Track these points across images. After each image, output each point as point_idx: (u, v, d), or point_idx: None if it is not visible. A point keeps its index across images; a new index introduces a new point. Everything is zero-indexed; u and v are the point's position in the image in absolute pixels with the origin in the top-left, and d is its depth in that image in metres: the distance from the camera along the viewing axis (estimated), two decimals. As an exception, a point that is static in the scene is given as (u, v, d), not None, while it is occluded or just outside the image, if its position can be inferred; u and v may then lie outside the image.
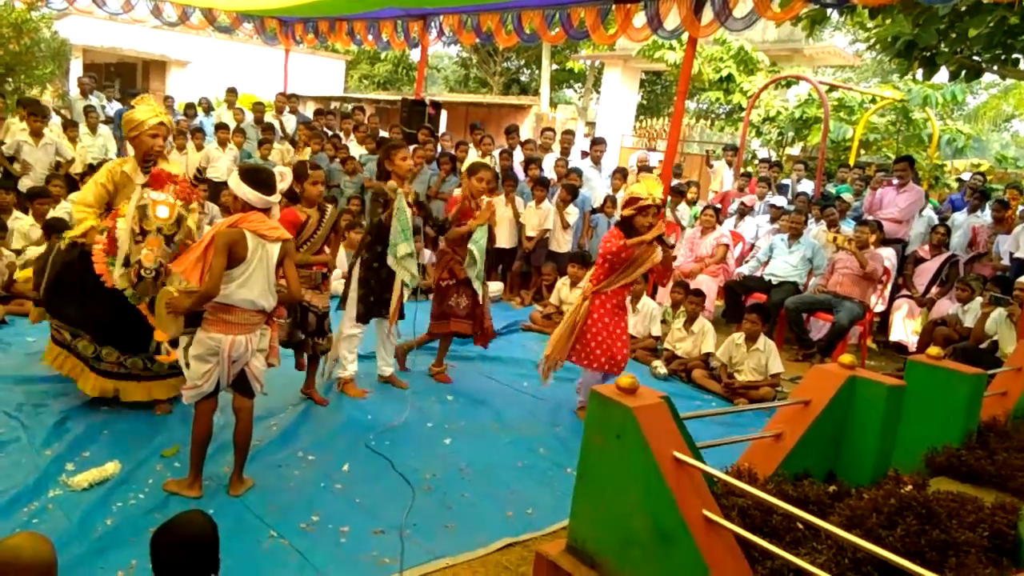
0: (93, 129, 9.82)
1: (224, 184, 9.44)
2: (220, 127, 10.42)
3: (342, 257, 7.00)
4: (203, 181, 9.04)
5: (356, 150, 10.32)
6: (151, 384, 4.52)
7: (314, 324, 4.83)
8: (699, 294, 6.95)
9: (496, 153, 9.64)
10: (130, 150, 4.49)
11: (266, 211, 3.67)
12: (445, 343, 5.82)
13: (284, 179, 3.64)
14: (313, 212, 4.74)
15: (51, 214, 6.83)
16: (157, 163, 4.36)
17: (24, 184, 7.77)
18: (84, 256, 4.33)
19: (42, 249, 6.45)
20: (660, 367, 6.54)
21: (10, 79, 12.47)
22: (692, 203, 9.86)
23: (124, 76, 22.09)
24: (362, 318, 5.16)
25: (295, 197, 4.75)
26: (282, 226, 4.50)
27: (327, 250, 4.92)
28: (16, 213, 6.79)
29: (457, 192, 8.51)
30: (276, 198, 3.67)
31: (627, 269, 4.96)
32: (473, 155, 9.43)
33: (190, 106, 12.47)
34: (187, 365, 3.61)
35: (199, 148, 10.27)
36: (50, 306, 4.53)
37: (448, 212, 5.73)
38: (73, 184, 7.93)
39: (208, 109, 12.46)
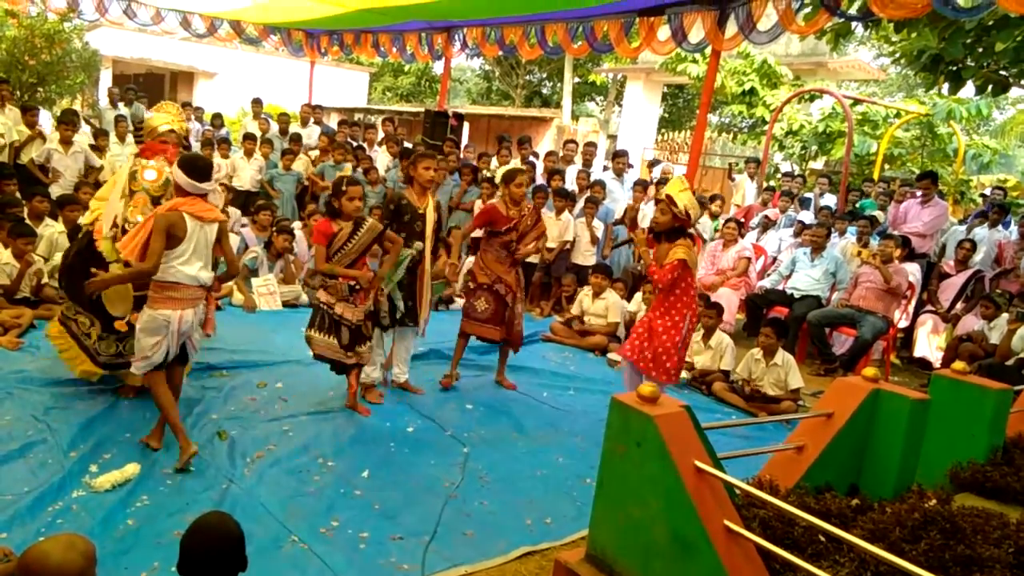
0: (122, 138, 9.96)
1: (250, 193, 9.60)
2: (247, 137, 10.55)
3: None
4: (228, 189, 9.14)
5: (384, 159, 10.42)
6: None
7: (347, 338, 4.81)
8: (716, 307, 6.79)
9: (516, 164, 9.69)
10: None
11: (202, 196, 3.97)
12: (460, 344, 5.84)
13: (220, 170, 3.93)
14: (346, 224, 4.76)
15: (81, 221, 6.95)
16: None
17: (54, 191, 7.91)
18: (92, 241, 4.52)
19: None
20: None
21: (41, 89, 12.71)
22: (715, 217, 9.81)
23: (152, 87, 22.45)
24: (394, 323, 5.25)
25: (335, 211, 4.78)
26: (314, 235, 4.70)
27: (368, 263, 4.93)
28: (47, 220, 6.90)
29: (479, 203, 8.61)
30: (210, 186, 4.03)
31: None
32: (494, 167, 9.51)
33: (216, 116, 12.63)
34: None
35: (224, 157, 10.41)
36: (67, 289, 4.73)
37: (476, 223, 5.77)
38: (102, 192, 8.06)
39: (220, 125, 12.56)
